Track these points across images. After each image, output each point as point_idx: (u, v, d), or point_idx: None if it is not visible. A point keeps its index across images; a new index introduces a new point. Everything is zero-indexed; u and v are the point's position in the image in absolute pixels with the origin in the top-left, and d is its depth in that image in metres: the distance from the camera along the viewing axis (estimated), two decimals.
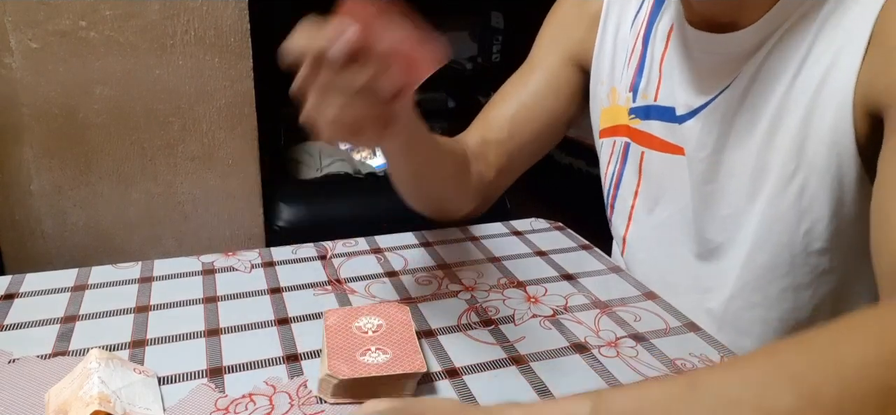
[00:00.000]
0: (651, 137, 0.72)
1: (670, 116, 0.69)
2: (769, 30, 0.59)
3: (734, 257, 0.66)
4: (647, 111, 0.72)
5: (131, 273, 0.65)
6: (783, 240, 0.62)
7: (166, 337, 0.55)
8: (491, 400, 0.48)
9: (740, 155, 0.63)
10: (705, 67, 0.65)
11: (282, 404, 0.47)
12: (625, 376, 0.52)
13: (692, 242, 0.70)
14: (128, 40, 1.25)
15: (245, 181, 1.43)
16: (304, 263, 0.68)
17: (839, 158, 0.57)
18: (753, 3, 0.59)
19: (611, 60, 0.76)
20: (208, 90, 1.33)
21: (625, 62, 0.75)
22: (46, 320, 0.57)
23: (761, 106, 0.61)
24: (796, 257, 0.62)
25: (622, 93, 0.75)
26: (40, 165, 1.28)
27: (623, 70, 0.75)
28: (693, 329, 0.59)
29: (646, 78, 0.72)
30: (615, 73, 0.76)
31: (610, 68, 0.76)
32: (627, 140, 0.75)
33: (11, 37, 1.19)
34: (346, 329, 0.52)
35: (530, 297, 0.63)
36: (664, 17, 0.70)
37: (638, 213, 0.76)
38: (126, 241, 1.38)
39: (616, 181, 0.78)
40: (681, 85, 0.68)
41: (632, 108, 0.74)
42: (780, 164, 0.60)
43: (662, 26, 0.70)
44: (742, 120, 0.63)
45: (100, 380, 0.44)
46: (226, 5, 1.28)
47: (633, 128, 0.74)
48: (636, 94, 0.73)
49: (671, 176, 0.71)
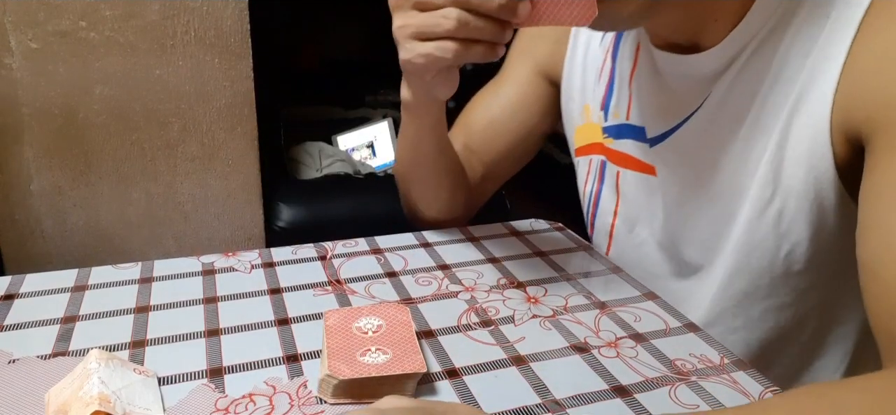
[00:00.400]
0: (626, 156, 0.70)
1: (642, 136, 0.68)
2: (736, 49, 0.57)
3: (712, 282, 0.64)
4: (620, 130, 0.70)
5: (131, 273, 0.65)
6: (763, 264, 0.60)
7: (166, 337, 0.55)
8: (491, 400, 0.48)
9: (715, 178, 0.61)
10: (673, 89, 0.63)
11: (282, 404, 0.47)
12: (625, 377, 0.52)
13: (671, 263, 0.69)
14: (128, 40, 1.24)
15: (245, 181, 1.43)
16: (304, 263, 0.68)
17: (817, 182, 0.55)
18: (714, 25, 0.57)
19: (582, 77, 0.74)
20: (208, 90, 1.33)
21: (595, 79, 0.73)
22: (46, 321, 0.57)
23: (733, 127, 0.59)
24: (776, 279, 0.61)
25: (595, 110, 0.73)
26: (40, 165, 1.28)
27: (594, 87, 0.73)
28: (693, 329, 0.59)
29: (616, 96, 0.70)
30: (586, 90, 0.74)
31: (581, 85, 0.74)
32: (603, 158, 0.73)
33: (11, 37, 1.19)
34: (346, 329, 0.52)
35: (530, 297, 0.63)
36: (631, 34, 0.68)
37: (618, 232, 0.74)
38: (126, 241, 1.38)
39: (595, 200, 0.76)
40: (650, 107, 0.66)
41: (604, 127, 0.72)
42: (758, 188, 0.58)
43: (629, 43, 0.68)
44: (714, 142, 0.61)
45: (100, 380, 0.44)
46: (226, 5, 1.28)
47: (608, 147, 0.72)
48: (607, 113, 0.71)
49: (647, 196, 0.69)
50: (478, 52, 0.53)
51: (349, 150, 2.02)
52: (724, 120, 0.59)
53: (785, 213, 0.57)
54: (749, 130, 0.58)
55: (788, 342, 0.65)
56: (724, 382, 0.51)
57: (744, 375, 0.52)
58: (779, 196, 0.57)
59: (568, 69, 0.76)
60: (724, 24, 0.56)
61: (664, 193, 0.67)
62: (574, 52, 0.75)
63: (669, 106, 0.64)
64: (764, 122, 0.57)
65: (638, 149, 0.69)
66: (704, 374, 0.52)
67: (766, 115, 0.56)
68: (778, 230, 0.58)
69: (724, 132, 0.60)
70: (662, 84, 0.64)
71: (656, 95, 0.65)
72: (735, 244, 0.61)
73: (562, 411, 0.47)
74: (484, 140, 0.80)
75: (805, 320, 0.63)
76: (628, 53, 0.68)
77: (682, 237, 0.67)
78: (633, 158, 0.70)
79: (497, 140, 0.80)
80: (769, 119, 0.56)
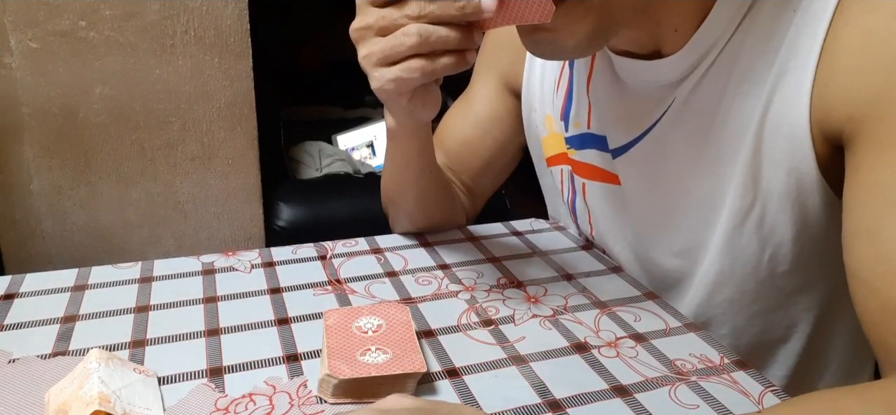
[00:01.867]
0: (590, 167, 0.68)
1: (604, 145, 0.65)
2: (699, 54, 0.54)
3: (696, 293, 0.63)
4: (582, 140, 0.67)
5: (131, 273, 0.65)
6: (747, 271, 0.59)
7: (166, 337, 0.55)
8: (491, 400, 0.48)
9: (686, 186, 0.59)
10: (634, 96, 0.60)
11: (282, 404, 0.47)
12: (625, 377, 0.52)
13: (649, 275, 0.67)
14: (128, 40, 1.25)
15: (245, 181, 1.43)
16: (304, 263, 0.68)
17: (799, 183, 0.53)
18: (673, 34, 0.54)
19: (540, 86, 0.71)
20: (208, 90, 1.33)
21: (553, 88, 0.70)
22: (46, 320, 0.57)
23: (701, 133, 0.56)
24: (762, 284, 0.59)
25: (556, 120, 0.70)
26: (40, 164, 1.28)
27: (553, 97, 0.70)
28: (693, 329, 0.59)
29: (575, 104, 0.67)
30: (545, 100, 0.71)
31: (540, 94, 0.72)
32: (570, 169, 0.71)
33: (11, 37, 1.19)
34: (346, 329, 0.52)
35: (530, 297, 0.63)
36: None
37: (597, 243, 0.73)
38: (126, 241, 1.38)
39: (572, 209, 0.74)
40: (609, 115, 0.63)
41: (567, 137, 0.69)
42: (736, 194, 0.56)
43: None
44: (681, 150, 0.58)
45: (100, 380, 0.44)
46: (226, 5, 1.28)
47: (572, 158, 0.70)
48: (568, 123, 0.68)
49: (613, 207, 0.67)
50: (446, 63, 0.50)
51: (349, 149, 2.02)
52: (690, 126, 0.57)
53: (766, 216, 0.55)
54: (719, 135, 0.55)
55: (778, 349, 0.64)
56: (724, 382, 0.51)
57: (744, 374, 0.52)
58: (759, 202, 0.55)
59: (527, 80, 0.73)
60: (684, 30, 0.54)
61: (631, 204, 0.65)
62: (532, 63, 0.72)
63: (630, 115, 0.61)
64: (734, 126, 0.54)
65: (601, 158, 0.66)
66: (704, 374, 0.52)
67: (735, 118, 0.54)
68: (760, 235, 0.56)
69: (692, 139, 0.57)
70: (622, 91, 0.61)
71: (616, 104, 0.62)
72: (717, 253, 0.59)
73: (562, 411, 0.47)
74: (461, 160, 0.78)
75: (794, 325, 0.63)
76: (584, 60, 0.65)
77: (656, 249, 0.65)
78: (597, 167, 0.67)
79: (474, 159, 0.78)
80: (740, 123, 0.54)
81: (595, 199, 0.69)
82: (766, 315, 0.62)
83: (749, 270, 0.59)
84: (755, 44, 0.52)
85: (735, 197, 0.56)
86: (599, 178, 0.68)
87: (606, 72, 0.62)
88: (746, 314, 0.62)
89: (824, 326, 0.63)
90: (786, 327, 0.63)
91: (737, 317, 0.62)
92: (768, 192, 0.55)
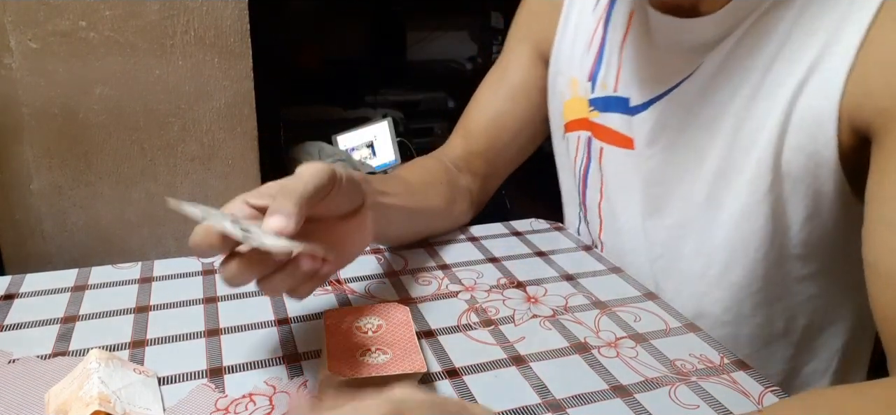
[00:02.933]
0: (610, 131, 0.67)
1: (626, 107, 0.64)
2: (736, 18, 0.54)
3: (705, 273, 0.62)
4: (606, 103, 0.67)
5: (131, 273, 0.65)
6: (759, 255, 0.58)
7: (166, 337, 0.55)
8: (491, 400, 0.48)
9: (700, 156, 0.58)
10: (665, 54, 0.60)
11: (282, 404, 0.47)
12: (625, 377, 0.52)
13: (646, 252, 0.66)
14: (128, 40, 1.24)
15: (245, 181, 1.43)
16: None
17: (817, 168, 0.52)
18: None
19: (571, 48, 0.71)
20: (208, 90, 1.33)
21: (585, 49, 0.69)
22: (46, 320, 0.57)
23: (725, 103, 0.56)
24: (770, 268, 0.59)
25: (581, 82, 0.70)
26: (40, 165, 1.28)
27: (582, 57, 0.70)
28: (693, 329, 0.59)
29: (605, 66, 0.67)
30: (574, 61, 0.71)
31: (569, 56, 0.71)
32: (589, 135, 0.70)
33: (11, 37, 1.18)
34: (346, 329, 0.52)
35: (530, 297, 0.63)
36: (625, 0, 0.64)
37: (605, 214, 0.72)
38: (126, 241, 1.38)
39: (584, 177, 0.74)
40: (637, 74, 0.63)
41: (591, 99, 0.69)
42: (755, 171, 0.55)
43: (624, 9, 0.65)
44: (701, 118, 0.58)
45: (100, 380, 0.44)
46: (226, 5, 1.28)
47: (592, 121, 0.69)
48: (595, 84, 0.68)
49: (626, 172, 0.66)
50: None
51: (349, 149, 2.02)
52: (717, 93, 0.56)
53: (781, 198, 0.55)
54: (743, 108, 0.55)
55: (778, 341, 0.64)
56: (723, 382, 0.51)
57: (744, 374, 0.52)
58: (777, 180, 0.55)
59: (558, 43, 0.73)
60: None
61: (641, 167, 0.64)
62: (566, 22, 0.72)
63: (656, 75, 0.60)
64: (764, 100, 0.54)
65: (621, 121, 0.66)
66: (704, 374, 0.52)
67: (766, 92, 0.53)
68: (773, 216, 0.56)
69: (714, 108, 0.56)
70: (653, 50, 0.61)
71: (644, 64, 0.62)
72: (728, 232, 0.58)
73: (562, 411, 0.47)
74: (487, 136, 0.78)
75: (794, 317, 0.62)
76: (621, 21, 0.65)
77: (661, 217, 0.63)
78: (615, 132, 0.67)
79: (501, 132, 0.78)
80: (768, 98, 0.53)
81: (610, 164, 0.69)
82: (768, 305, 0.62)
83: (761, 255, 0.58)
84: (795, 22, 0.52)
85: (753, 173, 0.55)
86: (617, 142, 0.67)
87: (641, 33, 0.62)
88: (751, 303, 0.61)
89: (823, 321, 0.63)
90: (786, 319, 0.62)
91: (742, 305, 0.62)
92: (787, 173, 0.54)
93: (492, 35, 2.99)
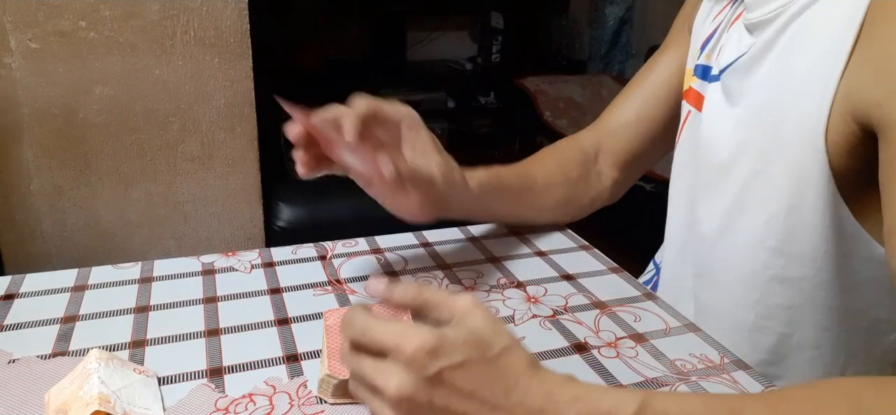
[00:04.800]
0: (697, 94, 0.69)
1: (708, 74, 0.66)
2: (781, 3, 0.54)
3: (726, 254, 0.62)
4: (705, 71, 0.68)
5: (131, 273, 0.65)
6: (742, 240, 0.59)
7: (166, 337, 0.55)
8: None
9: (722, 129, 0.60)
10: (738, 28, 0.61)
11: (282, 404, 0.47)
12: (625, 377, 0.52)
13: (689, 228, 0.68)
14: (128, 40, 1.24)
15: (245, 181, 1.43)
16: (304, 263, 0.68)
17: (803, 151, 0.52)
18: None
19: (704, 17, 0.71)
20: (208, 90, 1.33)
21: (712, 16, 0.70)
22: (46, 320, 0.57)
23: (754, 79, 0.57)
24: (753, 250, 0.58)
25: (695, 49, 0.71)
26: (40, 165, 1.28)
27: (703, 24, 0.71)
28: (693, 330, 0.59)
29: (716, 38, 0.67)
30: (702, 29, 0.71)
31: (700, 24, 0.72)
32: (685, 103, 0.72)
33: (11, 37, 1.18)
34: None
35: (530, 297, 0.63)
36: None
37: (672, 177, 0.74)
38: (126, 241, 1.38)
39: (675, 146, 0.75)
40: (718, 42, 0.65)
41: (696, 64, 0.70)
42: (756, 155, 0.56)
43: None
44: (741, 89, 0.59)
45: (100, 380, 0.44)
46: (226, 5, 1.28)
47: (690, 86, 0.71)
48: (703, 51, 0.69)
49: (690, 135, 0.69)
50: None
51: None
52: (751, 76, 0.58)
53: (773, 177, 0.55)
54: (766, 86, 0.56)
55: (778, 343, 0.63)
56: (724, 382, 0.51)
57: (744, 374, 0.52)
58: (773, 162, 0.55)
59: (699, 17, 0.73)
60: None
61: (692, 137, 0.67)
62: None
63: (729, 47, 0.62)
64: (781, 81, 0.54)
65: (701, 86, 0.68)
66: (704, 374, 0.52)
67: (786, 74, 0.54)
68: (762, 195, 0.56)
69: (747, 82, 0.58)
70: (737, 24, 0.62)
71: (727, 34, 0.64)
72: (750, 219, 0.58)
73: None
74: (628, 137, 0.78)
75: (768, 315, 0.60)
76: None
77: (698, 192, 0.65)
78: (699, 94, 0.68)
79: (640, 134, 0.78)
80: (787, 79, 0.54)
81: (686, 129, 0.71)
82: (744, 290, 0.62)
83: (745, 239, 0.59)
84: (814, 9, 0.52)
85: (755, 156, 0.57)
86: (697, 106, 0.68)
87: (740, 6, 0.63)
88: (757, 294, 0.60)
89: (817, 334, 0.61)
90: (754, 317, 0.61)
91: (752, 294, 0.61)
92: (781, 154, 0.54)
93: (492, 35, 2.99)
